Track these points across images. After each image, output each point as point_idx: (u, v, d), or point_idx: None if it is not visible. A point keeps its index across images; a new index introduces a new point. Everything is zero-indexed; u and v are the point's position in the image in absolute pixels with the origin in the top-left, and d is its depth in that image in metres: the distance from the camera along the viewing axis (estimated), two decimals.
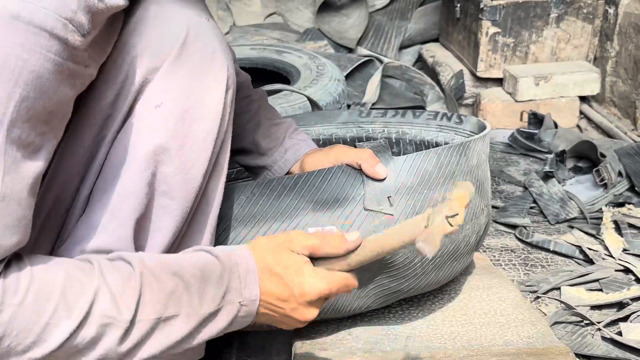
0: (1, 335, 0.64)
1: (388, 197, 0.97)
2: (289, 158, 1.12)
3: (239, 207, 0.96)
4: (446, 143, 1.35)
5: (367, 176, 0.97)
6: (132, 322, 0.70)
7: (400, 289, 1.06)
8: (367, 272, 1.00)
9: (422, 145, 1.40)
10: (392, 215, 0.97)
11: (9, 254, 0.65)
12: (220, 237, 0.98)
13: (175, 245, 0.86)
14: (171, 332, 0.73)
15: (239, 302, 0.77)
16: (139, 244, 0.82)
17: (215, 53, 0.82)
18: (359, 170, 0.97)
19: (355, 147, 1.03)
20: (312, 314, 0.82)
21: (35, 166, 0.67)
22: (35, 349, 0.66)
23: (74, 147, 0.80)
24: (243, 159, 1.16)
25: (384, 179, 0.97)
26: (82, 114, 0.79)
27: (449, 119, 1.35)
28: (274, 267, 0.79)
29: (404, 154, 1.38)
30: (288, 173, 1.12)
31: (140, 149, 0.79)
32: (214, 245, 0.91)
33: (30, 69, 0.62)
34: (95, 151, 0.81)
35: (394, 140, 1.44)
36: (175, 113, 0.79)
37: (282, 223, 0.96)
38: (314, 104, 1.70)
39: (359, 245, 0.82)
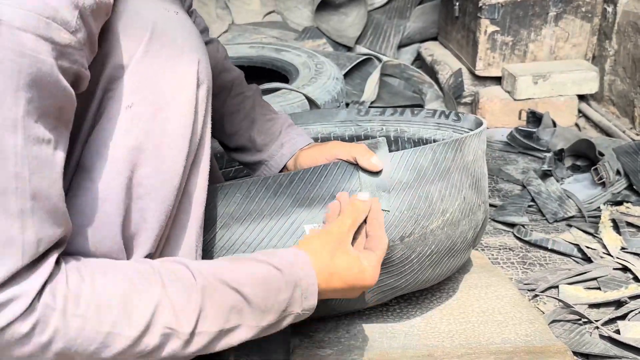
0: (67, 344, 0.67)
1: (383, 193, 0.97)
2: (285, 153, 1.12)
3: (234, 205, 0.96)
4: None
5: (363, 170, 0.97)
6: (193, 333, 0.73)
7: (397, 285, 1.06)
8: None
9: (420, 143, 1.40)
10: (388, 210, 0.97)
11: (54, 245, 0.67)
12: (217, 235, 0.98)
13: (161, 245, 0.85)
14: (233, 339, 0.77)
15: (299, 312, 0.82)
16: (122, 247, 0.81)
17: (185, 48, 0.81)
18: (355, 165, 0.97)
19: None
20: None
21: (58, 158, 0.68)
22: (101, 354, 0.70)
23: None
24: (240, 156, 1.16)
25: (380, 171, 0.98)
26: None
27: (447, 116, 1.35)
28: (335, 270, 0.85)
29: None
30: (284, 168, 1.12)
31: (115, 151, 0.77)
32: (202, 244, 0.92)
33: (27, 72, 0.62)
34: (69, 153, 0.78)
35: (392, 139, 1.44)
36: (147, 112, 0.78)
37: (279, 220, 0.96)
38: (312, 103, 1.70)
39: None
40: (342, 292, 0.86)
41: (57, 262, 0.69)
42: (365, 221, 0.92)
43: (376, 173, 0.97)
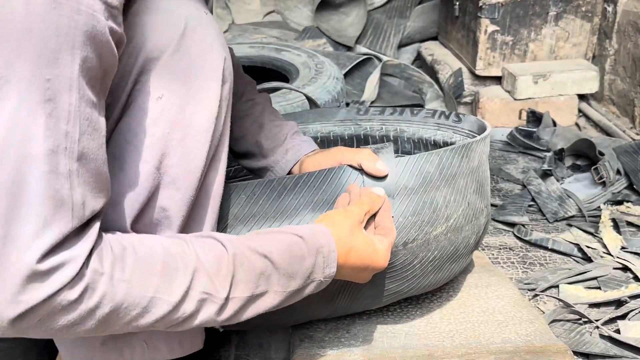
0: (113, 309, 0.69)
1: (387, 198, 0.97)
2: (290, 158, 1.13)
3: (238, 207, 0.96)
4: (444, 141, 1.35)
5: (368, 175, 0.97)
6: (227, 299, 0.77)
7: (399, 290, 1.06)
8: None
9: (420, 143, 1.40)
10: (391, 216, 0.97)
11: (97, 212, 0.69)
12: None
13: None
14: (260, 306, 0.81)
15: (321, 279, 0.85)
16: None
17: (213, 45, 0.84)
18: (360, 170, 0.97)
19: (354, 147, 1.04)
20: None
21: (102, 123, 0.70)
22: (140, 320, 0.72)
23: None
24: (247, 162, 1.17)
25: (385, 176, 0.97)
26: None
27: (447, 117, 1.35)
28: (353, 245, 0.87)
29: (402, 151, 1.38)
30: (289, 173, 1.12)
31: (144, 139, 0.80)
32: None
33: (83, 29, 0.64)
34: None
35: (391, 138, 1.44)
36: (175, 105, 0.80)
37: (282, 223, 0.96)
38: (312, 102, 1.70)
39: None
40: (357, 270, 0.89)
41: (100, 238, 0.71)
42: (375, 215, 0.95)
43: (381, 178, 0.98)
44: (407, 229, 0.98)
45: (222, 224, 0.97)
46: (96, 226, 0.69)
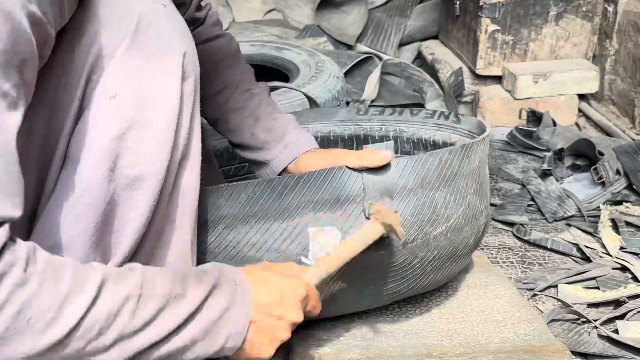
0: (23, 307, 0.64)
1: (387, 198, 0.97)
2: (288, 155, 1.11)
3: (239, 206, 0.97)
4: (444, 141, 1.35)
5: (372, 169, 0.96)
6: (141, 296, 0.71)
7: (398, 290, 1.06)
8: (367, 273, 1.00)
9: (419, 144, 1.40)
10: (396, 212, 0.97)
11: (7, 216, 0.64)
12: (220, 235, 0.98)
13: (150, 242, 0.85)
14: (180, 311, 0.74)
15: (234, 283, 0.79)
16: (105, 239, 0.81)
17: (171, 40, 0.80)
18: (360, 171, 0.96)
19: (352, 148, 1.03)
20: (298, 315, 0.84)
21: (15, 120, 0.65)
22: (54, 327, 0.66)
23: (30, 135, 0.77)
24: (244, 153, 1.16)
25: (385, 175, 0.97)
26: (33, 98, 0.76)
27: (447, 117, 1.35)
28: (259, 272, 0.84)
29: (401, 152, 1.39)
30: (285, 169, 1.11)
31: (96, 141, 0.77)
32: (206, 245, 0.94)
33: None
34: (55, 144, 0.79)
35: (391, 138, 1.44)
36: (131, 104, 0.77)
37: (283, 222, 0.96)
38: (311, 102, 1.70)
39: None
40: (270, 299, 0.82)
41: (12, 239, 0.66)
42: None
43: (380, 177, 0.96)
44: (407, 228, 0.98)
45: (222, 224, 0.97)
46: (6, 226, 0.64)
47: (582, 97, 2.32)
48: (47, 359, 0.67)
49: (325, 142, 1.46)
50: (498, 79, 2.36)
